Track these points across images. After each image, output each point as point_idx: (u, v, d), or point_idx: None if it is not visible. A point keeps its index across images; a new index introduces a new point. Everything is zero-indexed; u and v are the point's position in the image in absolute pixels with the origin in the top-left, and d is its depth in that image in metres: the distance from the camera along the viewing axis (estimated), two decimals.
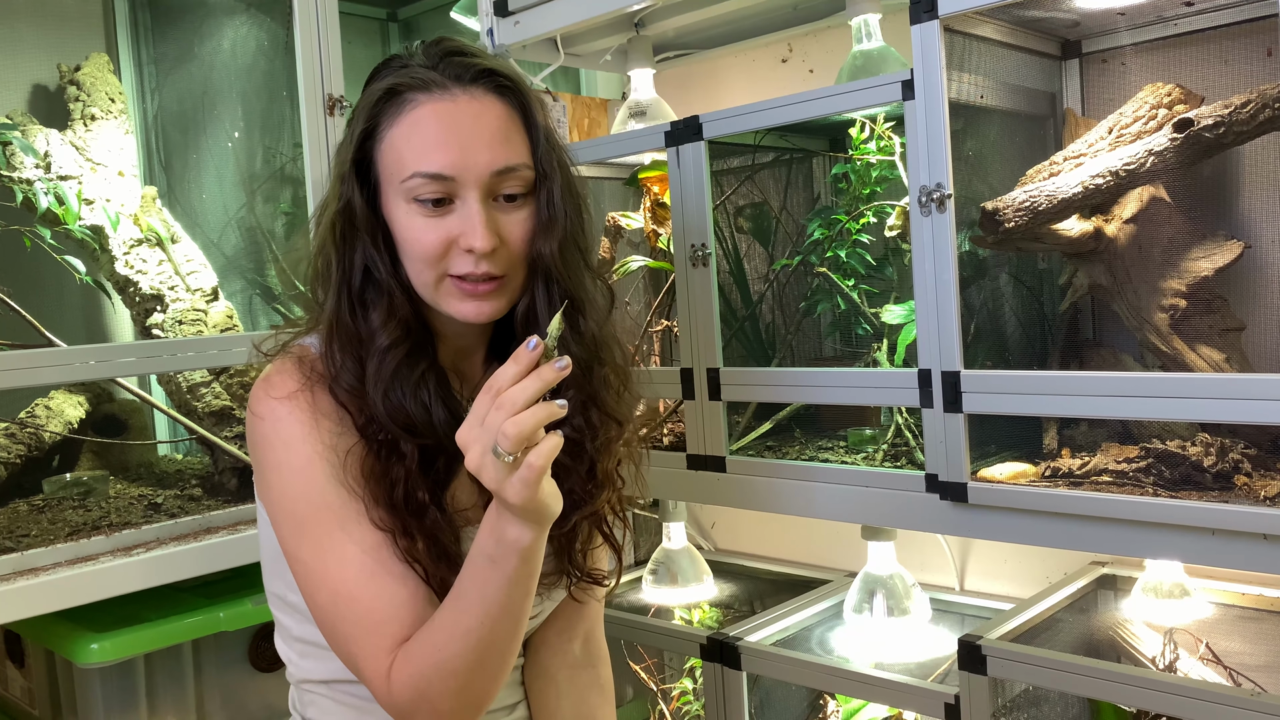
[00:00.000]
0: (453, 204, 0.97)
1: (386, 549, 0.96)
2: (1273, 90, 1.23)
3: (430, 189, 0.96)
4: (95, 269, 1.78)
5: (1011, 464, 1.34)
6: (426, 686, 0.91)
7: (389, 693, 0.92)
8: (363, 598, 0.94)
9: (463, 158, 0.95)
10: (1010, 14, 1.40)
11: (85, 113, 1.81)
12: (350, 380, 0.99)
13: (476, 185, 0.96)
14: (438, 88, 0.97)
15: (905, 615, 1.65)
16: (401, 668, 0.92)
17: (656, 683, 1.96)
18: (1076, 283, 1.44)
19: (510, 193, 0.98)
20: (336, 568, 0.95)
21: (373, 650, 0.93)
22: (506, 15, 1.79)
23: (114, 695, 1.52)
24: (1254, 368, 1.34)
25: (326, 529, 0.95)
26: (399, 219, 0.98)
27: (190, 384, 1.77)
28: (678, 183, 1.58)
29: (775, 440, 1.65)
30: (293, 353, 1.03)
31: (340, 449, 0.97)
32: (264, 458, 1.00)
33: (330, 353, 1.00)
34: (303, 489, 0.97)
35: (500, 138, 0.97)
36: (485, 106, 0.98)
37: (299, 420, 0.98)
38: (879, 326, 1.56)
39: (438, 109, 0.96)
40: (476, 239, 0.95)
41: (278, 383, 1.00)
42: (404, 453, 0.98)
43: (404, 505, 0.97)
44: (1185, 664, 1.38)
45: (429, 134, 0.96)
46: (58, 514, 1.59)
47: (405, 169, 0.96)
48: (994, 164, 1.45)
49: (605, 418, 1.05)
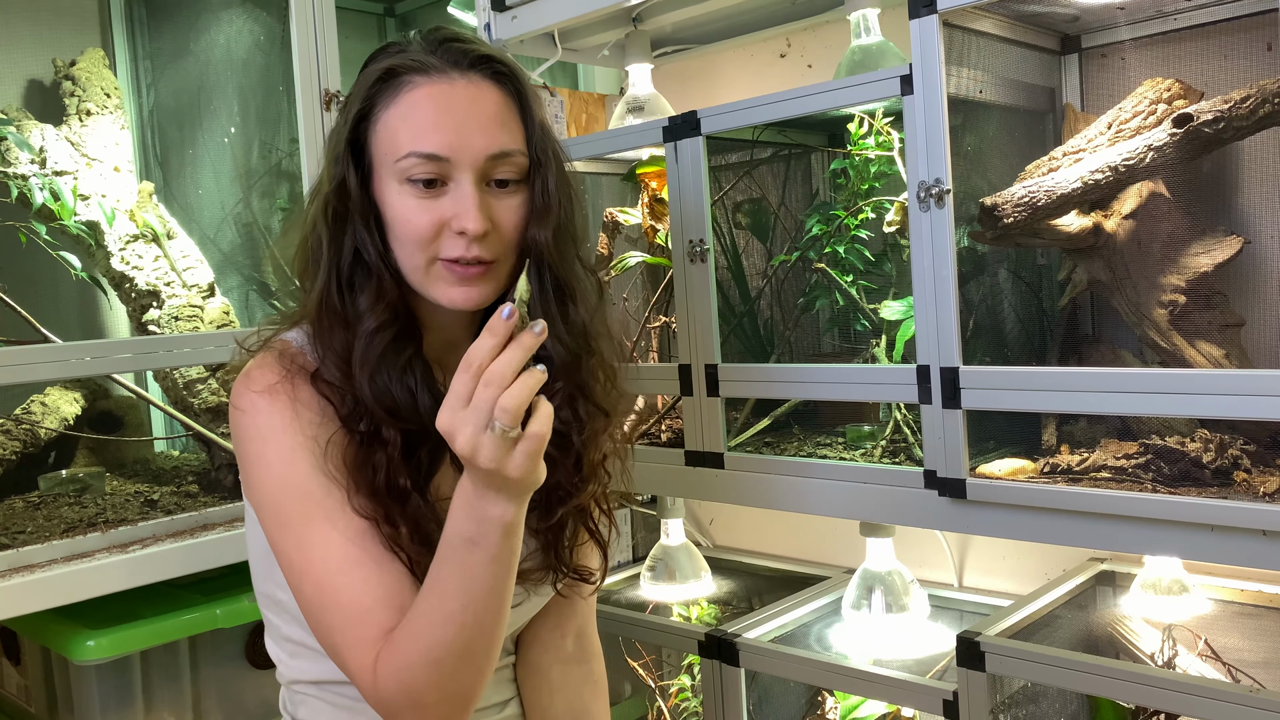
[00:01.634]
0: (445, 186, 0.97)
1: (371, 539, 0.95)
2: (1272, 85, 1.22)
3: (424, 169, 0.95)
4: (91, 265, 1.77)
5: (1010, 460, 1.33)
6: (411, 679, 0.90)
7: (374, 686, 0.91)
8: (346, 588, 0.93)
9: (458, 139, 0.95)
10: (1009, 8, 1.40)
11: (81, 108, 1.80)
12: (336, 361, 0.98)
13: (471, 168, 0.96)
14: (436, 71, 0.97)
15: (904, 612, 1.65)
16: (387, 660, 0.91)
17: (654, 679, 1.96)
18: (1076, 278, 1.44)
19: (503, 178, 0.98)
20: (320, 558, 0.94)
21: (356, 642, 0.92)
22: (503, 10, 1.79)
23: (110, 692, 1.52)
24: (1253, 363, 1.34)
25: (310, 520, 0.95)
26: (391, 200, 0.98)
27: (186, 380, 1.76)
28: (676, 178, 1.58)
29: (773, 436, 1.65)
30: (274, 347, 1.03)
31: (321, 439, 0.97)
32: (246, 451, 0.99)
33: (319, 331, 1.00)
34: (285, 481, 0.96)
35: (496, 122, 0.97)
36: (482, 91, 0.98)
37: (279, 413, 0.97)
38: (877, 322, 1.56)
39: (434, 91, 0.97)
40: (469, 221, 0.95)
41: (257, 376, 1.00)
42: (386, 439, 0.97)
43: (386, 492, 0.96)
44: (1184, 660, 1.38)
45: (425, 115, 0.96)
46: (53, 510, 1.59)
47: (400, 149, 0.96)
48: (993, 159, 1.44)
49: (593, 409, 1.04)
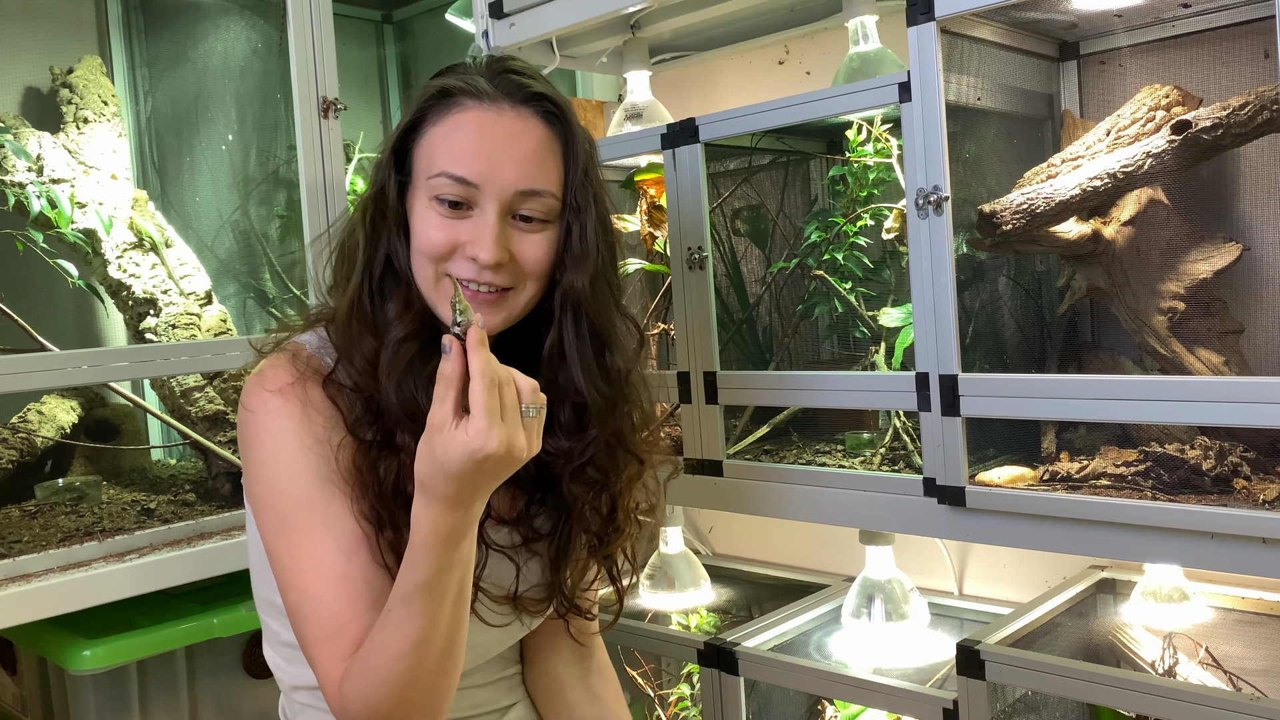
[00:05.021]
0: (470, 211, 0.98)
1: (363, 552, 0.95)
2: (1270, 92, 1.22)
3: (452, 190, 0.97)
4: (88, 273, 1.77)
5: (1010, 468, 1.33)
6: (376, 698, 0.89)
7: (339, 700, 0.91)
8: (328, 600, 0.93)
9: (490, 168, 0.97)
10: (1007, 15, 1.39)
11: (78, 116, 1.80)
12: (362, 364, 1.00)
13: (497, 198, 0.97)
14: (488, 98, 0.99)
15: (903, 620, 1.65)
16: (350, 676, 0.91)
17: (654, 688, 1.96)
18: (1075, 285, 1.44)
19: (529, 214, 1.00)
20: (310, 565, 0.94)
21: (330, 654, 0.92)
22: (502, 17, 1.79)
23: (107, 702, 1.51)
24: (1253, 370, 1.33)
25: (307, 524, 0.95)
26: (418, 212, 1.00)
27: (184, 388, 1.76)
28: (674, 185, 1.57)
29: (772, 444, 1.65)
30: (287, 349, 1.04)
31: (333, 442, 0.98)
32: (252, 451, 1.00)
33: (347, 334, 1.01)
34: (287, 482, 0.97)
35: (533, 160, 0.99)
36: (528, 127, 1.00)
37: (289, 414, 0.98)
38: (876, 329, 1.55)
39: (481, 117, 0.99)
40: (482, 250, 0.96)
41: (271, 376, 1.00)
42: (400, 445, 0.98)
43: (392, 498, 0.97)
44: (1185, 668, 1.37)
45: (466, 139, 0.98)
46: (50, 519, 1.58)
47: (435, 166, 0.98)
48: (991, 166, 1.44)
49: (628, 455, 1.07)
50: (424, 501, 0.86)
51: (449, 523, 0.85)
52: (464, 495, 0.84)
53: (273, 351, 1.05)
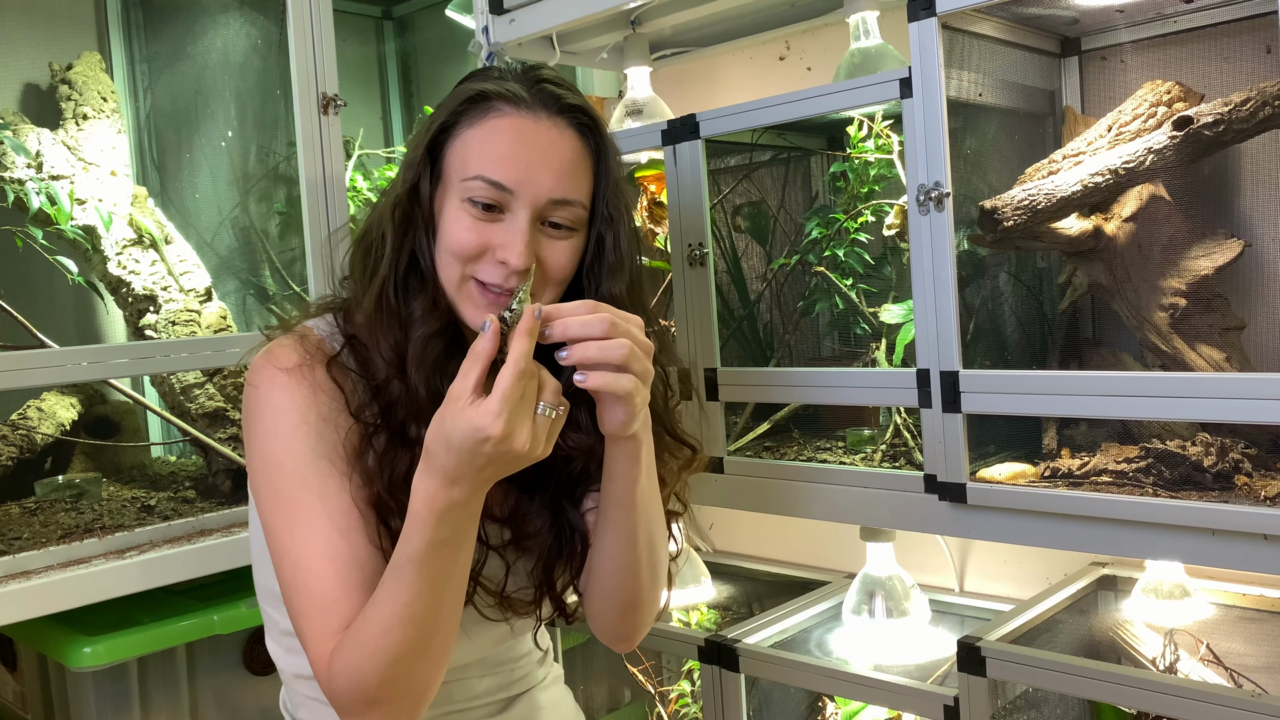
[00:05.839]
0: (502, 215, 0.99)
1: (359, 533, 0.96)
2: (1272, 87, 1.22)
3: (487, 194, 0.98)
4: (87, 269, 1.77)
5: (1011, 464, 1.33)
6: (362, 676, 0.90)
7: (328, 678, 0.92)
8: (320, 575, 0.94)
9: (526, 175, 0.98)
10: (1008, 11, 1.39)
11: (77, 112, 1.79)
12: (390, 353, 1.01)
13: (530, 205, 0.99)
14: (525, 106, 1.00)
15: (904, 617, 1.65)
16: (339, 654, 0.91)
17: (654, 685, 1.96)
18: (1076, 282, 1.43)
19: (558, 222, 1.01)
20: (303, 540, 0.95)
21: (319, 630, 0.93)
22: (502, 13, 1.78)
23: (107, 699, 1.52)
24: (1254, 367, 1.33)
25: (303, 500, 0.96)
26: (448, 213, 1.01)
27: (184, 385, 1.76)
28: (674, 182, 1.57)
29: (773, 441, 1.65)
30: (296, 331, 1.05)
31: (341, 425, 0.99)
32: (254, 426, 1.00)
33: (374, 326, 1.02)
34: (286, 457, 0.97)
35: (567, 170, 1.00)
36: (563, 137, 1.01)
37: (295, 392, 0.99)
38: (877, 326, 1.55)
39: (518, 124, 1.00)
40: (513, 255, 0.97)
41: (280, 354, 1.01)
42: (413, 438, 0.99)
43: (404, 485, 0.96)
44: (1186, 665, 1.37)
45: (503, 144, 0.99)
46: (50, 516, 1.58)
47: (470, 169, 0.99)
48: (993, 162, 1.44)
49: (679, 445, 1.12)
50: (425, 470, 0.87)
51: (444, 498, 0.86)
52: (461, 471, 0.85)
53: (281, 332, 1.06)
